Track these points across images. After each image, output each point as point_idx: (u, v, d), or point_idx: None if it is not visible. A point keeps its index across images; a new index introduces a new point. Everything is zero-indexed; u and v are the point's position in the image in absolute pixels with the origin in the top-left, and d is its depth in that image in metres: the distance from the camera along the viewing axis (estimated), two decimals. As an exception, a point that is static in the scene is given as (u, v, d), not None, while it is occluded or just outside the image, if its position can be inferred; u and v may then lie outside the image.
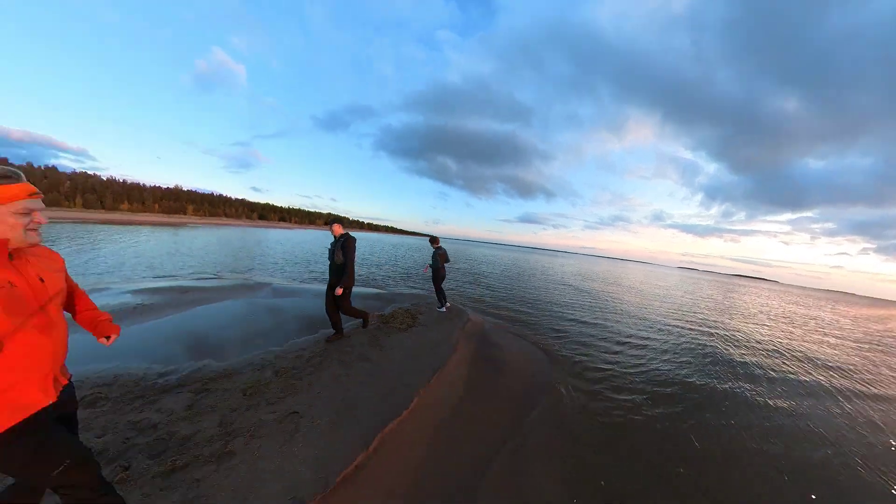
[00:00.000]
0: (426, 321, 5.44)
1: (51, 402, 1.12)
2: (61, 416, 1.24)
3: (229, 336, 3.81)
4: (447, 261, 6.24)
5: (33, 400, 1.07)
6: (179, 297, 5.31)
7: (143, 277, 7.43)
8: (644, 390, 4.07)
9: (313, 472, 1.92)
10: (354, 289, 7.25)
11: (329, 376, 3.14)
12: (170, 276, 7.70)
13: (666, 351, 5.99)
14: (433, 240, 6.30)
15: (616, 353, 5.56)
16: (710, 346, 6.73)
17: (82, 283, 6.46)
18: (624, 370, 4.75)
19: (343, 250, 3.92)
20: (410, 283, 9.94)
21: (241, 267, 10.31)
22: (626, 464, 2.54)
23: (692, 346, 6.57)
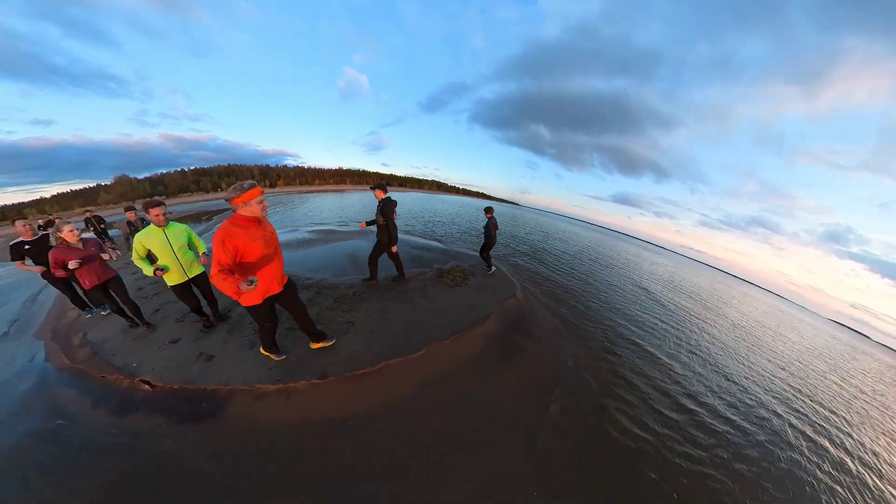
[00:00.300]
0: (474, 284, 6.13)
1: (279, 291, 2.76)
2: (282, 294, 2.85)
3: (343, 263, 6.35)
4: (497, 228, 6.81)
5: (274, 290, 2.66)
6: (327, 236, 8.62)
7: (313, 223, 11.85)
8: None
9: (346, 361, 3.45)
10: (423, 241, 9.79)
11: (380, 308, 4.59)
12: (326, 223, 11.85)
13: (740, 459, 3.61)
14: (488, 210, 6.87)
15: (668, 420, 3.92)
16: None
17: (286, 227, 11.07)
18: (664, 452, 3.36)
19: (382, 213, 4.57)
20: (475, 245, 10.82)
21: (366, 219, 14.39)
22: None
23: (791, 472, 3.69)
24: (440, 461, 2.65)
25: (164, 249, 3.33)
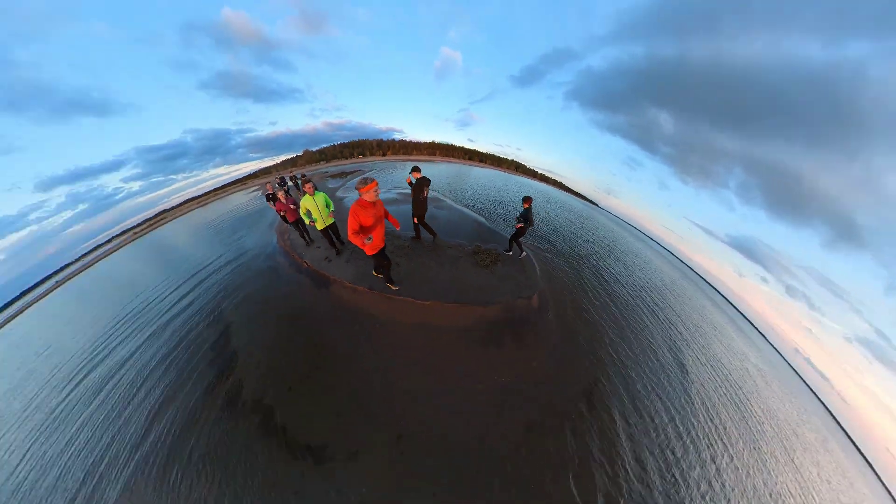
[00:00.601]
0: (500, 271, 6.74)
1: (383, 246, 4.85)
2: (385, 248, 5.04)
3: (408, 222, 8.92)
4: (531, 224, 6.79)
5: (381, 245, 4.68)
6: (406, 198, 11.61)
7: (398, 188, 14.96)
8: None
9: (384, 287, 6.22)
10: (480, 218, 10.97)
11: (417, 263, 6.51)
12: (407, 189, 15.31)
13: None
14: (526, 199, 6.66)
15: None
16: None
17: (385, 187, 14.86)
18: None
19: (413, 190, 6.34)
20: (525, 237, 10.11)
21: (444, 188, 17.04)
22: None
23: None
24: (415, 361, 4.70)
25: (314, 208, 6.29)
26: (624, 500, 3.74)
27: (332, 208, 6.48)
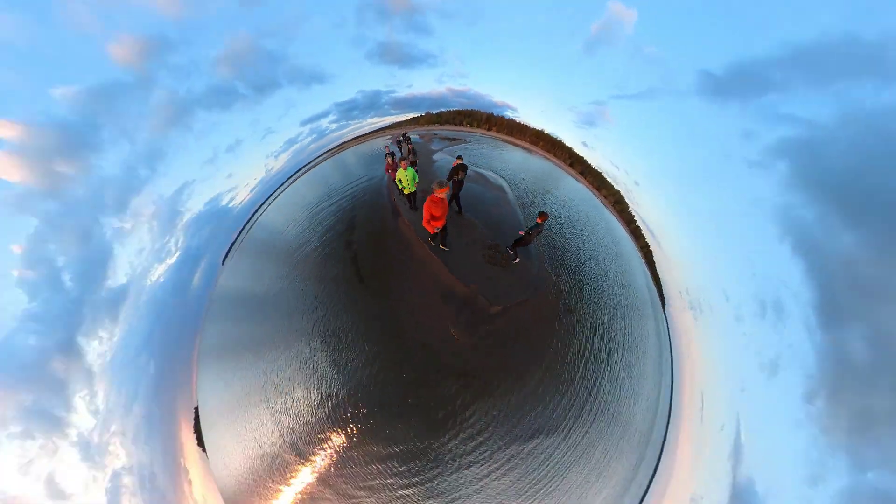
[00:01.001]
0: (508, 270, 8.01)
1: (444, 224, 6.71)
2: (445, 226, 7.01)
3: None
4: (531, 240, 7.37)
5: (443, 224, 6.62)
6: (477, 178, 16.00)
7: (483, 168, 19.32)
8: None
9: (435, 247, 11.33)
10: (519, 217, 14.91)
11: (453, 231, 9.74)
12: (482, 169, 19.18)
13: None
14: (542, 215, 6.78)
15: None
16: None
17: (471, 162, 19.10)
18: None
19: (449, 175, 7.82)
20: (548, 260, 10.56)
21: (519, 182, 20.27)
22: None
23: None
24: (418, 290, 10.20)
25: (405, 179, 7.84)
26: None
27: (416, 180, 8.23)
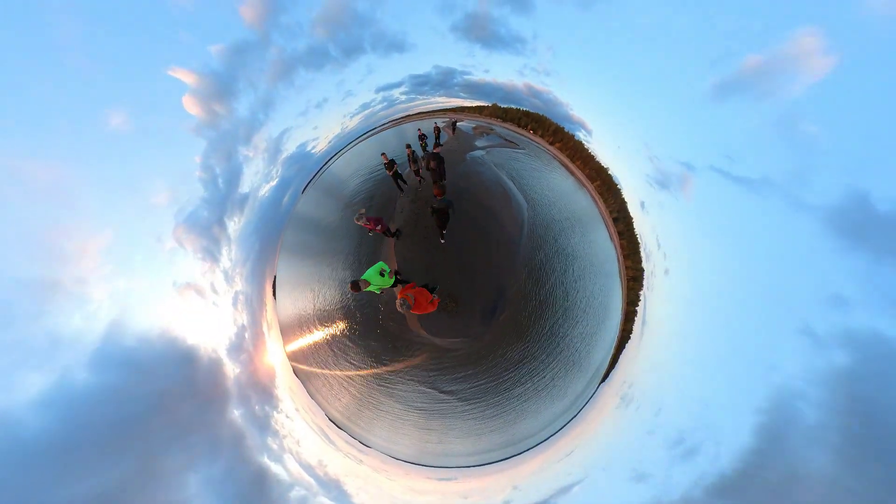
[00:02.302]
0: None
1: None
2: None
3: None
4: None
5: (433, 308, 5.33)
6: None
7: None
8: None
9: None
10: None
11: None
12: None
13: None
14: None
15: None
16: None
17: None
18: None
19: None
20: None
21: (544, 212, 22.74)
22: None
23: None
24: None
25: (373, 276, 7.02)
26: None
27: (387, 279, 7.85)
